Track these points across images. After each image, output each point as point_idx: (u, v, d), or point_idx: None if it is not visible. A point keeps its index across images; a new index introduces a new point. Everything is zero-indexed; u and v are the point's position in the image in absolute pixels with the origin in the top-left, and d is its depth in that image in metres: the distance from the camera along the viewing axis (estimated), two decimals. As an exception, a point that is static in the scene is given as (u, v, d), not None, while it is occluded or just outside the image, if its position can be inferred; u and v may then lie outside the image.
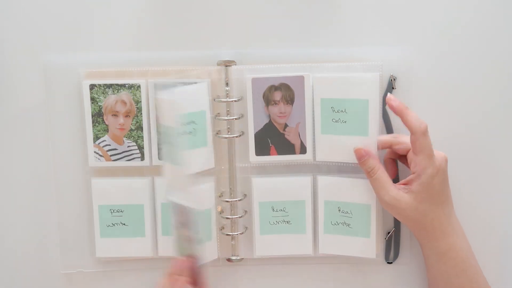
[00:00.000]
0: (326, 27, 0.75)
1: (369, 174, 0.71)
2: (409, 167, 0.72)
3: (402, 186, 0.70)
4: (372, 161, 0.71)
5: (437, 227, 0.70)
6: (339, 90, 0.72)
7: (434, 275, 0.73)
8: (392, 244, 0.78)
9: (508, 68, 0.75)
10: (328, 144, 0.74)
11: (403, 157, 0.74)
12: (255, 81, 0.73)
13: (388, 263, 0.78)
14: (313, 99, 0.74)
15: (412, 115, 0.69)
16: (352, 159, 0.73)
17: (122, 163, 0.76)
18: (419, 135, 0.68)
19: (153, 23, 0.76)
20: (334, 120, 0.73)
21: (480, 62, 0.75)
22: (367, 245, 0.75)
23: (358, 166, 0.73)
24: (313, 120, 0.74)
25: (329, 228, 0.76)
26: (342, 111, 0.73)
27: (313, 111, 0.74)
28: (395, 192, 0.70)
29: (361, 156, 0.71)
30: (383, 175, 0.71)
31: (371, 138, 0.72)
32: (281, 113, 0.74)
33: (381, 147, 0.73)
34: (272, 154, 0.75)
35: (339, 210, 0.75)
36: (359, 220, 0.75)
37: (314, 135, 0.74)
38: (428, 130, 0.69)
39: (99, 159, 0.75)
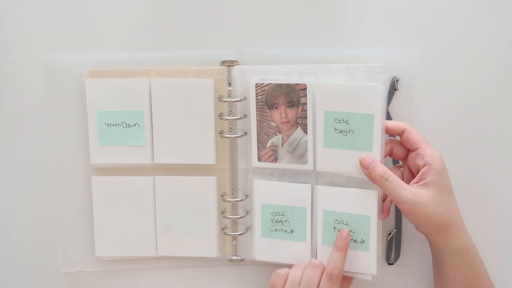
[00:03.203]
0: (329, 27, 0.75)
1: (383, 179, 0.67)
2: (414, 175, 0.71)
3: (416, 185, 0.68)
4: (381, 166, 0.68)
5: (459, 221, 0.69)
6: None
7: (453, 279, 0.70)
8: (393, 245, 0.78)
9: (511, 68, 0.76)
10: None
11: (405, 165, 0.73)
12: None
13: (389, 264, 0.78)
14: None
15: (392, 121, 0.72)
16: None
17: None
18: (409, 127, 0.70)
19: (156, 23, 0.75)
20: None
21: (483, 63, 0.75)
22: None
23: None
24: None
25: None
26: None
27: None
28: (413, 189, 0.67)
29: (369, 164, 0.68)
30: (396, 177, 0.68)
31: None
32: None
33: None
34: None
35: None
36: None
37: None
38: (430, 132, 0.73)
39: None
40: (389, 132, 0.71)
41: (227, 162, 0.76)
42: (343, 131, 0.71)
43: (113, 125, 0.75)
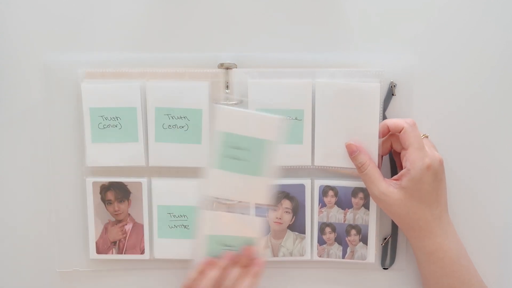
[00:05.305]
0: (328, 32, 0.75)
1: (360, 169, 0.72)
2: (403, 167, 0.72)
3: (393, 181, 0.71)
4: (362, 156, 0.72)
5: (423, 227, 0.70)
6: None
7: (425, 275, 0.73)
8: (388, 250, 0.78)
9: (509, 74, 0.76)
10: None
11: (398, 158, 0.74)
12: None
13: (384, 268, 0.79)
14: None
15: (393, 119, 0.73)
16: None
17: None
18: (407, 127, 0.70)
19: (154, 24, 0.75)
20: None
21: (481, 68, 0.75)
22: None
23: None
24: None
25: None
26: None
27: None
28: (385, 187, 0.70)
29: (352, 151, 0.72)
30: (374, 170, 0.71)
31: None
32: None
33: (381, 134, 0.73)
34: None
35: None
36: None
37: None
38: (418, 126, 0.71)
39: None
40: (391, 130, 0.72)
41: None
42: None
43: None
